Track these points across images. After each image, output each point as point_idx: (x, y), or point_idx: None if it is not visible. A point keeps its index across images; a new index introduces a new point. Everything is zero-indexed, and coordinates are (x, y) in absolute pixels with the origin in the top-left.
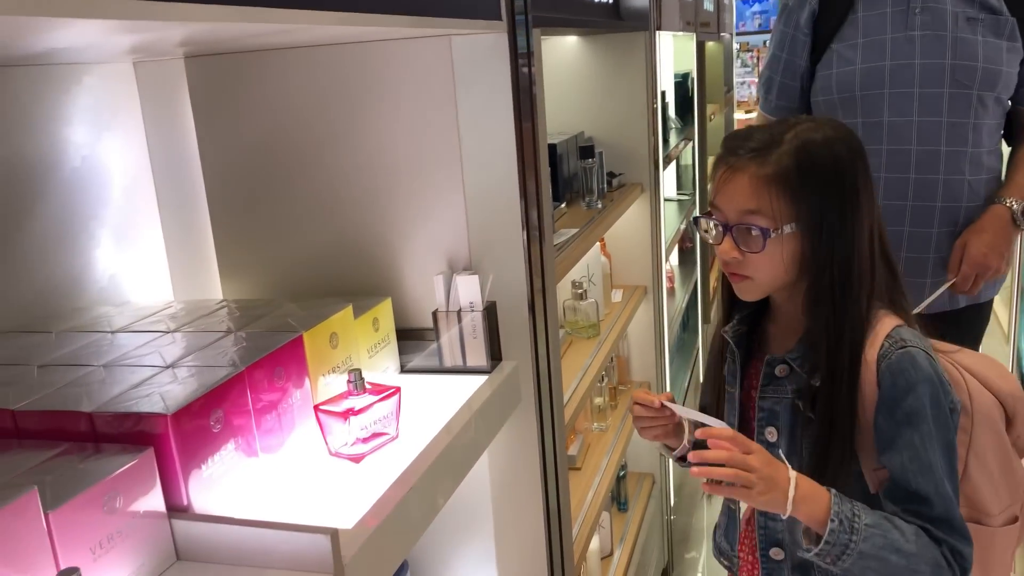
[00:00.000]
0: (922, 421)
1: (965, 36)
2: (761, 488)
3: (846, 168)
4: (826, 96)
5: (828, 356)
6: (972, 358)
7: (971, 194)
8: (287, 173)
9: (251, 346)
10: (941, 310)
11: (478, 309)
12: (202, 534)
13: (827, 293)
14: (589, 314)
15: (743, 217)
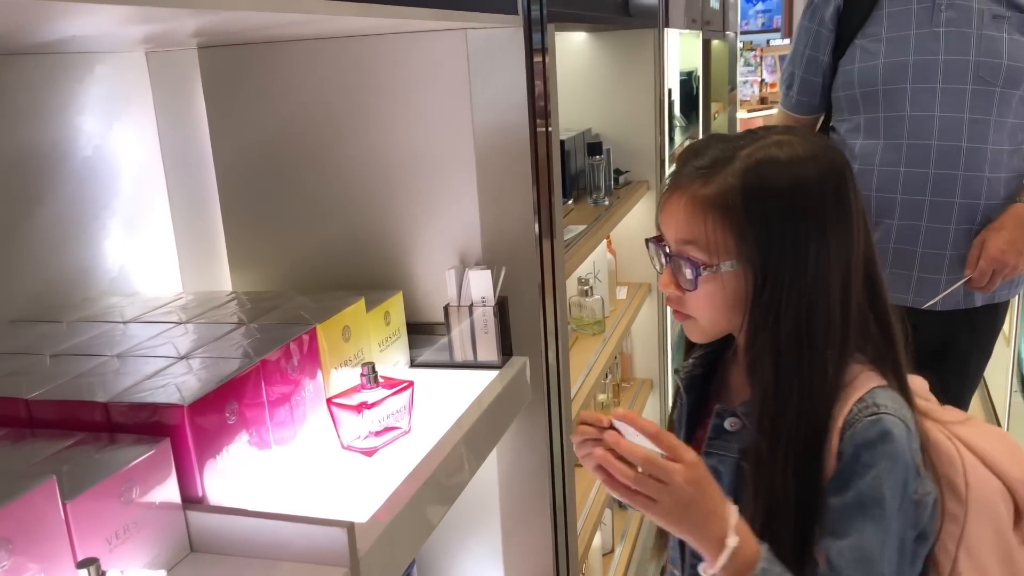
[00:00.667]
0: (876, 508)
1: (991, 33)
2: (669, 506)
3: (810, 195)
4: (847, 91)
5: (771, 424)
6: (979, 433)
7: (990, 192)
8: (299, 165)
9: (264, 338)
10: (956, 307)
11: (490, 304)
12: (217, 526)
13: (771, 348)
14: (595, 311)
15: (680, 247)
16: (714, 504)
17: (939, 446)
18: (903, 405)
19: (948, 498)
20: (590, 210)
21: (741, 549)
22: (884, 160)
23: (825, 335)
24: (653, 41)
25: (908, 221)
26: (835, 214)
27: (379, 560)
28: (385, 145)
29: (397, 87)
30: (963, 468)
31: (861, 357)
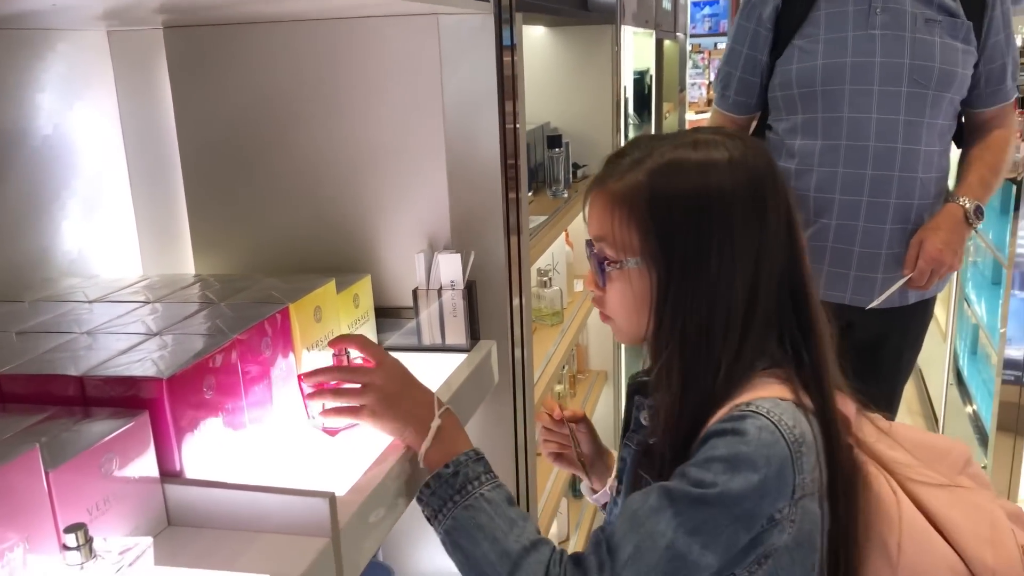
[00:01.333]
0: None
1: (923, 37)
2: (374, 404)
3: (717, 199)
4: (785, 91)
5: (659, 417)
6: (950, 500)
7: (923, 192)
8: (267, 148)
9: (237, 316)
10: (891, 306)
11: (459, 288)
12: (195, 499)
13: (669, 347)
14: (553, 302)
15: (595, 244)
16: (421, 396)
17: (879, 499)
18: (791, 416)
19: (878, 560)
20: (549, 202)
21: (450, 439)
22: (823, 161)
23: (722, 342)
24: (610, 38)
25: (845, 221)
26: (744, 219)
27: (358, 531)
28: (355, 128)
29: (368, 71)
30: (899, 530)
31: (776, 371)
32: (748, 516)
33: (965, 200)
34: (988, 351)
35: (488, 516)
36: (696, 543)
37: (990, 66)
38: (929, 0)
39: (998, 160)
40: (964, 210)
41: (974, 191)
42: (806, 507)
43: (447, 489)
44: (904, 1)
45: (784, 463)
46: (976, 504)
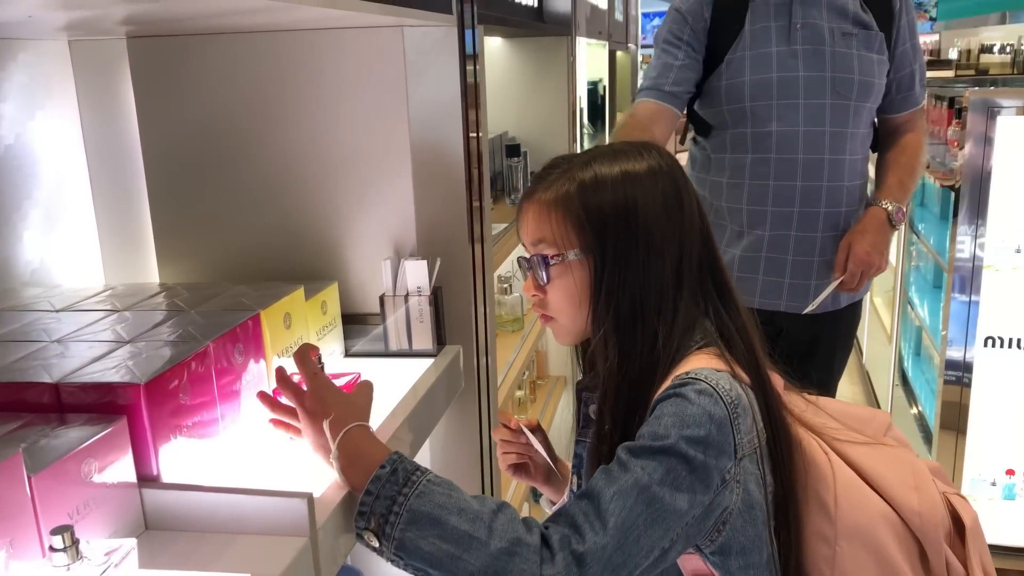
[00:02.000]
0: (645, 450)
1: (842, 50)
2: (304, 425)
3: (640, 186)
4: (714, 108)
5: (607, 399)
6: (879, 457)
7: (849, 199)
8: (232, 157)
9: (209, 323)
10: (825, 310)
11: (425, 294)
12: (173, 503)
13: (610, 328)
14: (514, 308)
15: (534, 249)
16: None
17: (812, 460)
18: (727, 381)
19: (818, 517)
20: (509, 210)
21: (368, 454)
22: (754, 174)
23: (657, 315)
24: (565, 48)
25: (778, 231)
26: (665, 212)
27: (335, 530)
28: (321, 137)
29: (334, 81)
30: (834, 486)
31: (710, 349)
32: (703, 469)
33: (887, 203)
34: (931, 352)
35: (445, 495)
36: (667, 489)
37: (900, 74)
38: (844, 14)
39: (913, 163)
40: (887, 212)
41: (894, 194)
42: (747, 467)
43: (391, 487)
44: (821, 16)
45: (724, 422)
46: (898, 457)
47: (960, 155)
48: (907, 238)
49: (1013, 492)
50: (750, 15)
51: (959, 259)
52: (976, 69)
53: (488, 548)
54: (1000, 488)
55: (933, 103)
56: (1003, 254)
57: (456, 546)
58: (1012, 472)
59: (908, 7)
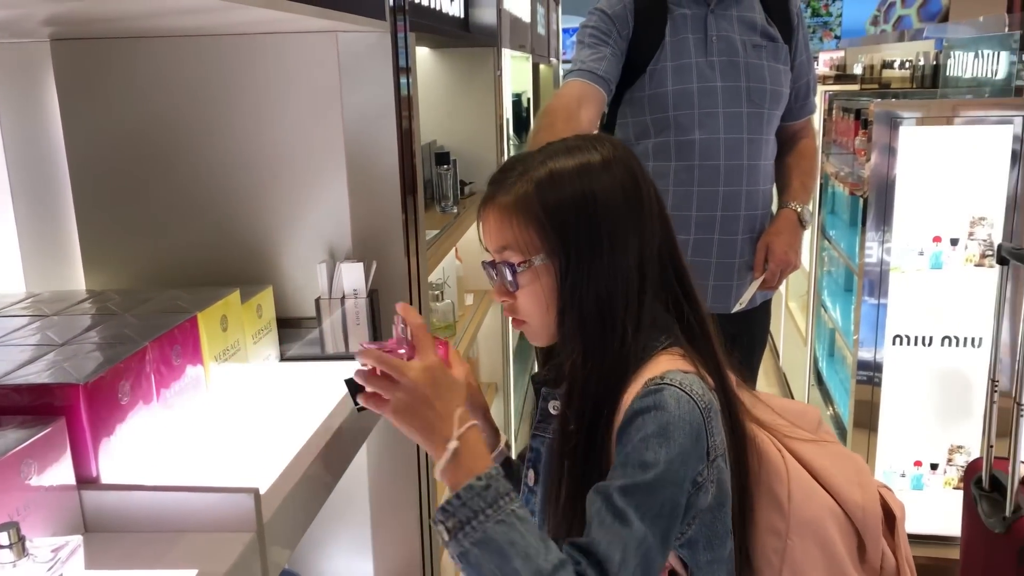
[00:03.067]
0: (642, 467)
1: (754, 61)
2: (399, 403)
3: (599, 183)
4: (637, 117)
5: (574, 396)
6: (825, 454)
7: (764, 202)
8: (162, 161)
9: (146, 325)
10: (744, 309)
11: (362, 296)
12: (114, 504)
13: (577, 326)
14: (446, 315)
15: (499, 255)
16: (449, 408)
17: (767, 457)
18: (699, 386)
19: (771, 511)
20: (439, 217)
21: (468, 458)
22: (678, 180)
23: (623, 312)
24: (491, 60)
25: (702, 235)
26: (627, 205)
27: (283, 525)
28: (254, 142)
29: (268, 87)
30: (788, 482)
31: (675, 350)
32: (681, 481)
33: (795, 205)
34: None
35: (520, 534)
36: (665, 523)
37: (799, 83)
38: (753, 27)
39: (812, 166)
40: (797, 214)
41: (800, 196)
42: (719, 466)
43: (478, 501)
44: (734, 29)
45: (699, 429)
46: (841, 453)
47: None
48: (819, 244)
49: (921, 482)
50: (670, 27)
51: (868, 263)
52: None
53: None
54: (909, 479)
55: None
56: (908, 256)
57: None
58: (919, 464)
59: (803, 21)
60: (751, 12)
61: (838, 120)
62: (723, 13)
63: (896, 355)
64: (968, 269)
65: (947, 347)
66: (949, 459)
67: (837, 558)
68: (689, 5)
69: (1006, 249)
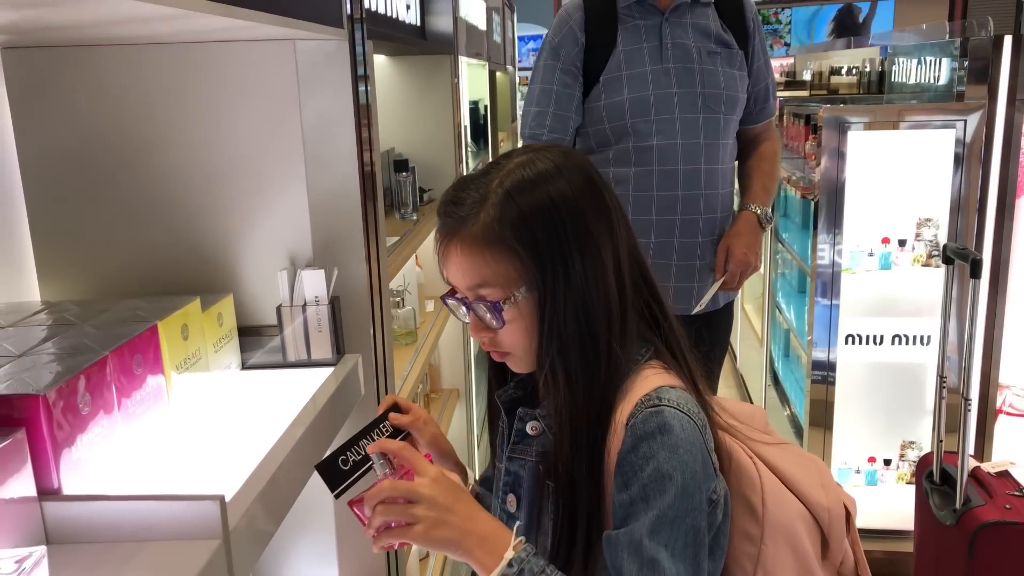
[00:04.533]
0: (661, 495)
1: (709, 68)
2: (430, 521)
3: (565, 201)
4: (596, 127)
5: (564, 420)
6: (787, 457)
7: (723, 205)
8: (118, 171)
9: (105, 334)
10: (707, 311)
11: (324, 303)
12: (77, 515)
13: (559, 349)
14: (407, 321)
15: (474, 293)
16: (467, 509)
17: (740, 464)
18: (691, 403)
19: (745, 518)
20: (399, 224)
21: (492, 535)
22: (638, 185)
23: (607, 328)
24: (448, 68)
25: (662, 239)
26: (592, 212)
27: (248, 532)
28: (212, 150)
29: (225, 95)
30: (761, 489)
31: (655, 362)
32: (700, 505)
33: (755, 207)
34: (799, 353)
35: None
36: (689, 556)
37: (757, 87)
38: (707, 35)
39: (773, 169)
40: (757, 216)
41: (760, 198)
42: (720, 480)
43: None
44: (688, 36)
45: (702, 448)
46: (802, 456)
47: (817, 169)
48: (773, 247)
49: (875, 478)
50: (621, 37)
51: (820, 265)
52: (828, 89)
53: None
54: (864, 475)
55: (792, 120)
56: (858, 257)
57: None
58: (873, 460)
59: (759, 27)
60: (705, 19)
61: (789, 125)
62: (677, 21)
63: (849, 354)
64: (916, 269)
65: (897, 345)
66: (902, 454)
67: (807, 560)
68: (643, 16)
69: (951, 249)
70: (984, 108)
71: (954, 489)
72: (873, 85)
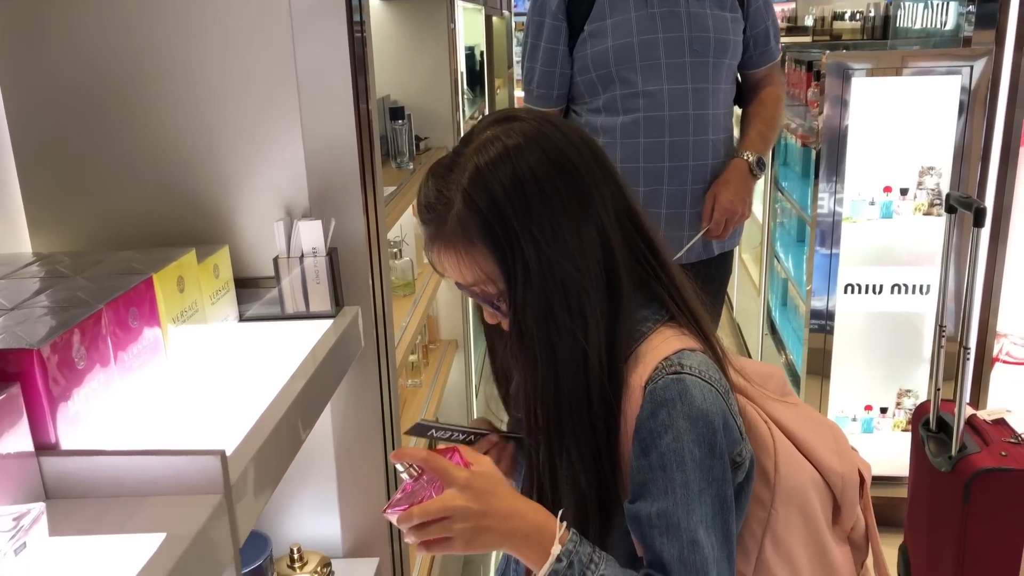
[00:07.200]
0: (681, 468)
1: (696, 11)
2: (468, 532)
3: (532, 180)
4: (584, 76)
5: (542, 411)
6: (802, 420)
7: (715, 152)
8: (111, 120)
9: (99, 287)
10: (699, 259)
11: (321, 254)
12: (76, 470)
13: (538, 327)
14: (405, 272)
15: (471, 289)
16: (503, 506)
17: (753, 428)
18: (712, 368)
19: (756, 482)
20: (395, 174)
21: (534, 526)
22: (625, 133)
23: (592, 293)
24: (444, 12)
25: (651, 187)
26: (566, 181)
27: (250, 487)
28: (204, 98)
29: (218, 41)
30: (774, 453)
31: (672, 324)
32: (724, 473)
33: (748, 154)
34: (797, 303)
35: None
36: (719, 526)
37: (755, 30)
38: None
39: (773, 115)
40: (748, 163)
41: (755, 145)
42: (746, 442)
43: None
44: None
45: (725, 414)
46: (817, 419)
47: (820, 117)
48: (772, 196)
49: (871, 426)
50: None
51: (820, 214)
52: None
53: None
54: (860, 423)
55: (793, 67)
56: (859, 207)
57: None
58: (870, 408)
59: None
60: None
61: (790, 72)
62: None
63: (847, 303)
64: (917, 218)
65: (896, 295)
66: (898, 403)
67: (817, 525)
68: None
69: (954, 198)
70: (991, 54)
71: (950, 437)
72: (877, 30)
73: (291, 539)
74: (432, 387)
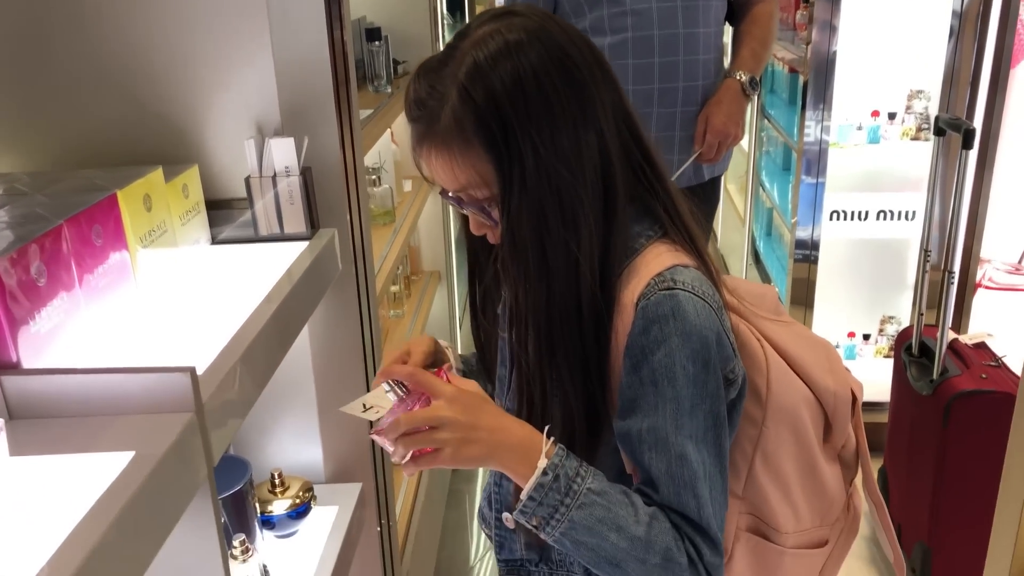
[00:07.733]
0: (672, 384)
1: None
2: (456, 444)
3: (533, 78)
4: None
5: (533, 320)
6: (795, 338)
7: (705, 72)
8: (71, 34)
9: (59, 203)
10: (688, 184)
11: (295, 174)
12: (40, 389)
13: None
14: (384, 201)
15: (460, 195)
16: (493, 421)
17: (746, 346)
18: (706, 284)
19: (748, 400)
20: (372, 97)
21: (520, 440)
22: (613, 54)
23: (589, 204)
24: None
25: (641, 110)
26: (567, 82)
27: (222, 405)
28: (172, 13)
29: None
30: (767, 371)
31: (665, 240)
32: (717, 390)
33: (740, 74)
34: (781, 232)
35: (604, 508)
36: (710, 441)
37: None
38: None
39: (765, 33)
40: (740, 83)
41: (747, 64)
42: (738, 359)
43: (554, 495)
44: None
45: (718, 330)
46: (810, 338)
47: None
48: (759, 124)
49: (854, 352)
50: None
51: (807, 141)
52: None
53: (644, 565)
54: (843, 350)
55: None
56: (846, 131)
57: (611, 562)
58: (853, 335)
59: None
60: None
61: None
62: None
63: (832, 231)
64: (905, 143)
65: (882, 221)
66: (880, 329)
67: (808, 443)
68: None
69: (943, 120)
70: None
71: (932, 361)
72: None
73: (273, 465)
74: (415, 318)
